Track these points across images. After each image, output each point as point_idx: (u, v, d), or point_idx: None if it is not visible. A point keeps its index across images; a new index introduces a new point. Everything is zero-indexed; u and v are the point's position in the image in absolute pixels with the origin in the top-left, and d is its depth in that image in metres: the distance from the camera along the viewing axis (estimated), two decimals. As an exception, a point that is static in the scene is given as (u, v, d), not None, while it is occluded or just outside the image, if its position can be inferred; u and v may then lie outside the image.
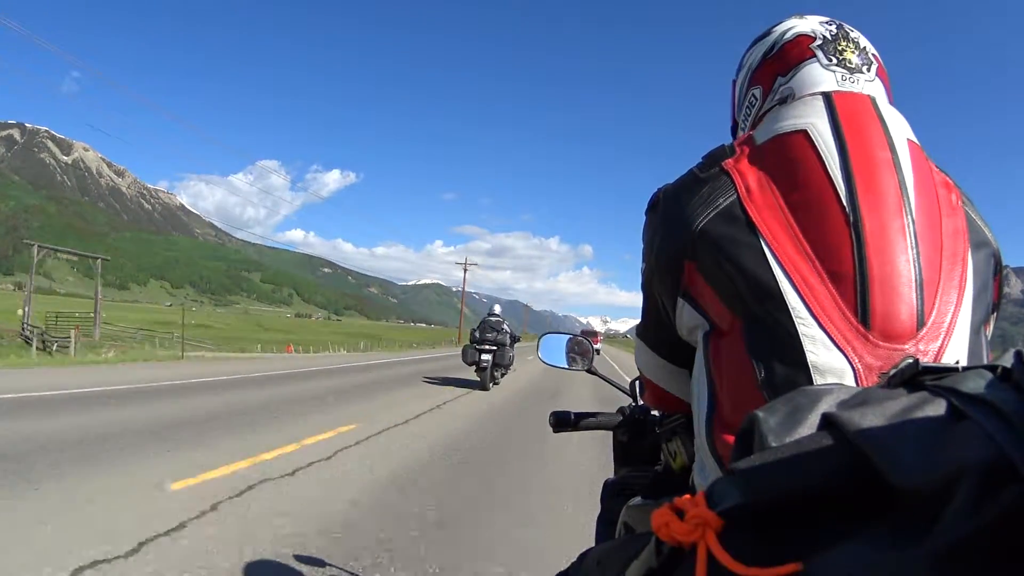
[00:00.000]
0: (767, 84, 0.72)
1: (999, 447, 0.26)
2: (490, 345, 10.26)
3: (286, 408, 6.55)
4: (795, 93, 0.68)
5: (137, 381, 7.91)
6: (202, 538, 2.59)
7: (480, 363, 10.17)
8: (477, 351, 10.24)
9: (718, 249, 0.58)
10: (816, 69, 0.68)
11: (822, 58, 0.69)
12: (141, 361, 12.08)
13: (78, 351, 13.88)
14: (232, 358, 15.42)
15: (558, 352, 1.35)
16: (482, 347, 10.26)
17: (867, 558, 0.27)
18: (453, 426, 6.23)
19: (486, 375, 10.19)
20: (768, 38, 0.74)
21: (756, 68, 0.75)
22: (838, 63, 0.68)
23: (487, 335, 10.34)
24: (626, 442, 1.11)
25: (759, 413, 0.36)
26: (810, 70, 0.69)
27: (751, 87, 0.75)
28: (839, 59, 0.68)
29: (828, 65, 0.68)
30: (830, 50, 0.69)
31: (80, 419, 5.01)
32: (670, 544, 0.33)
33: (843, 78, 0.67)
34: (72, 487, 3.14)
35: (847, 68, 0.68)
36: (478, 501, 3.58)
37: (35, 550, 2.33)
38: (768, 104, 0.71)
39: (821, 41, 0.70)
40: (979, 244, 0.59)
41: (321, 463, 4.11)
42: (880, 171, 0.57)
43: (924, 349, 0.52)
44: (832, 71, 0.68)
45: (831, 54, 0.69)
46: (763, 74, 0.73)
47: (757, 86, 0.74)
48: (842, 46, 0.69)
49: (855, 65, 0.68)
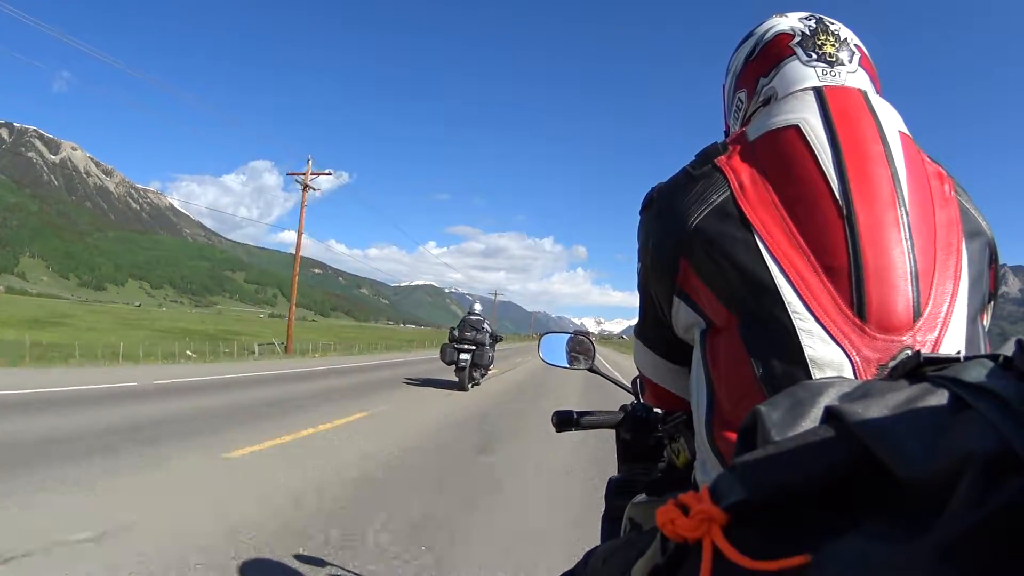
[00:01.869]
0: (751, 87, 0.72)
1: (1003, 436, 0.26)
2: (469, 344, 9.79)
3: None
4: (777, 93, 0.68)
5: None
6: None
7: (459, 363, 9.75)
8: (456, 350, 9.78)
9: (713, 246, 0.58)
10: (796, 66, 0.68)
11: (801, 55, 0.68)
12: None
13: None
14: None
15: (559, 351, 1.34)
16: (461, 346, 9.78)
17: (873, 549, 0.27)
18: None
19: (464, 375, 9.78)
20: (750, 40, 0.74)
21: (740, 71, 0.74)
22: (818, 58, 0.68)
23: (466, 334, 9.83)
24: (629, 440, 1.10)
25: (761, 408, 0.36)
26: (791, 68, 0.68)
27: (737, 91, 0.75)
28: (819, 53, 0.68)
29: (808, 61, 0.68)
30: (809, 46, 0.68)
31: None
32: (675, 540, 0.33)
33: (824, 72, 0.67)
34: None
35: (827, 62, 0.67)
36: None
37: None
38: (753, 106, 0.71)
39: (800, 38, 0.69)
40: (973, 233, 0.59)
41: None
42: (873, 164, 0.57)
43: (921, 340, 0.51)
44: (813, 67, 0.67)
45: (810, 49, 0.68)
46: (747, 77, 0.73)
47: (742, 89, 0.74)
48: (821, 40, 0.69)
49: (836, 58, 0.68)
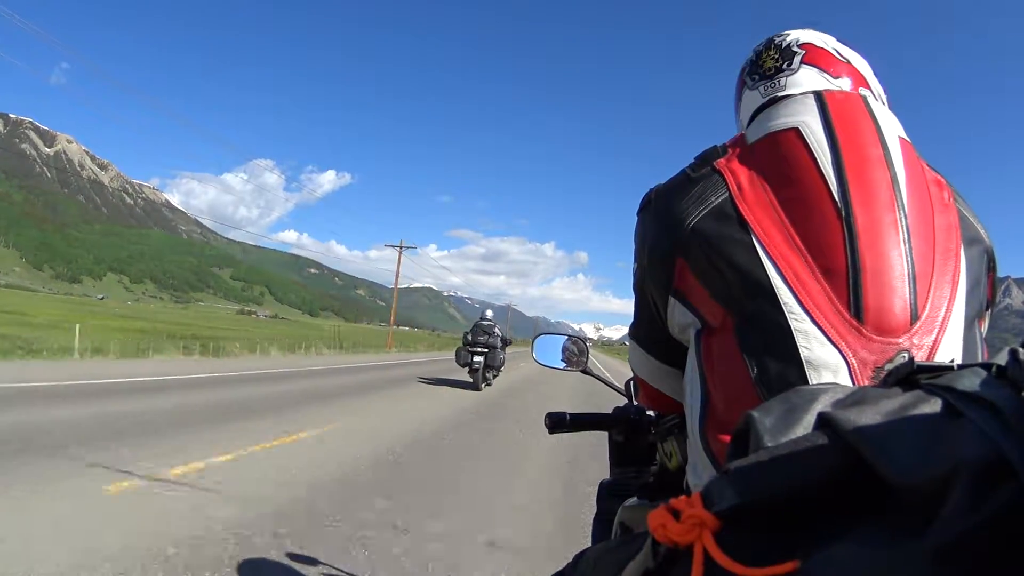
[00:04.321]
0: (736, 113, 0.78)
1: (995, 445, 0.26)
2: (482, 348, 10.66)
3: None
4: (742, 121, 0.73)
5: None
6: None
7: (472, 364, 10.60)
8: (469, 353, 10.64)
9: (710, 247, 0.58)
10: (747, 93, 0.73)
11: (749, 81, 0.73)
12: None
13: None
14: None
15: (553, 353, 1.34)
16: (474, 349, 10.64)
17: (864, 556, 0.27)
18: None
19: (478, 376, 10.60)
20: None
21: (734, 100, 0.79)
22: (760, 78, 0.71)
23: (479, 338, 10.73)
24: (622, 442, 1.10)
25: (754, 413, 0.36)
26: (746, 96, 0.73)
27: (736, 115, 0.80)
28: (760, 73, 0.71)
29: (753, 85, 0.72)
30: (752, 70, 0.73)
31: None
32: (667, 545, 0.33)
33: (766, 88, 0.70)
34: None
35: (767, 77, 0.70)
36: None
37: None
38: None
39: (749, 67, 0.74)
40: (972, 240, 0.59)
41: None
42: (872, 167, 0.57)
43: (918, 343, 0.51)
44: (756, 88, 0.71)
45: (754, 73, 0.72)
46: (735, 105, 0.79)
47: (736, 116, 0.79)
48: (763, 58, 0.72)
49: (773, 68, 0.70)
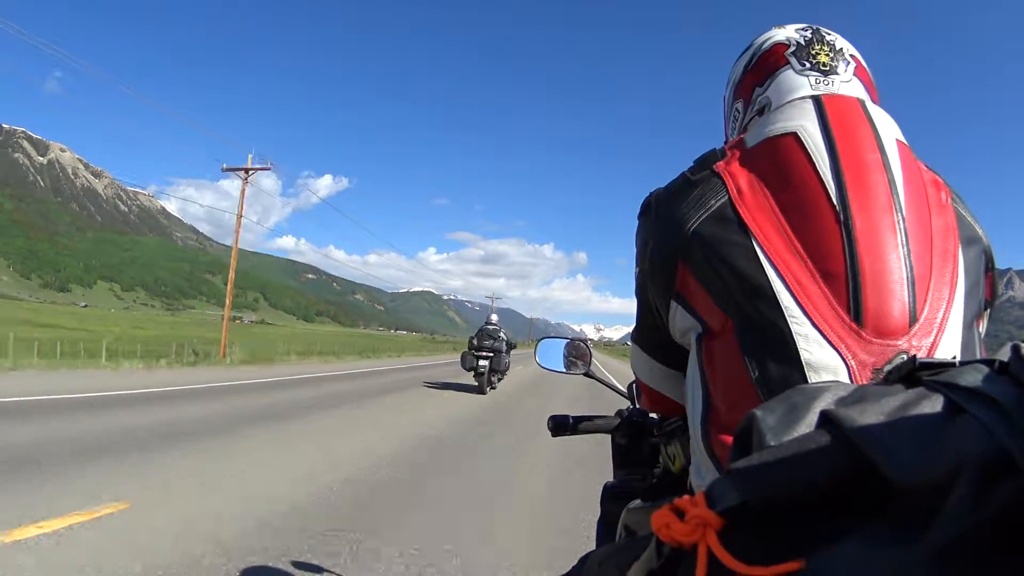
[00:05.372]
0: (747, 96, 0.74)
1: (997, 441, 0.26)
2: (487, 352, 10.70)
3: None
4: (772, 102, 0.69)
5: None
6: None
7: (478, 368, 10.64)
8: (475, 357, 10.67)
9: (710, 250, 0.58)
10: (790, 75, 0.69)
11: (795, 63, 0.70)
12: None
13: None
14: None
15: (555, 357, 1.34)
16: (480, 353, 10.67)
17: (868, 554, 0.27)
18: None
19: (483, 379, 10.63)
20: (748, 51, 0.76)
21: (738, 82, 0.76)
22: (811, 67, 0.69)
23: (484, 342, 10.78)
24: (625, 445, 1.10)
25: (757, 412, 0.36)
26: (785, 77, 0.70)
27: (735, 101, 0.77)
28: (812, 63, 0.69)
29: (802, 70, 0.69)
30: (803, 55, 0.70)
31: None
32: (671, 545, 0.33)
33: (817, 80, 0.68)
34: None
35: (821, 71, 0.68)
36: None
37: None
38: (749, 116, 0.73)
39: (795, 48, 0.71)
40: (970, 241, 0.59)
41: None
42: (870, 171, 0.57)
43: (917, 345, 0.52)
44: (806, 75, 0.68)
45: (804, 59, 0.70)
46: (744, 87, 0.75)
47: (740, 99, 0.75)
48: (816, 50, 0.70)
49: (829, 67, 0.69)
